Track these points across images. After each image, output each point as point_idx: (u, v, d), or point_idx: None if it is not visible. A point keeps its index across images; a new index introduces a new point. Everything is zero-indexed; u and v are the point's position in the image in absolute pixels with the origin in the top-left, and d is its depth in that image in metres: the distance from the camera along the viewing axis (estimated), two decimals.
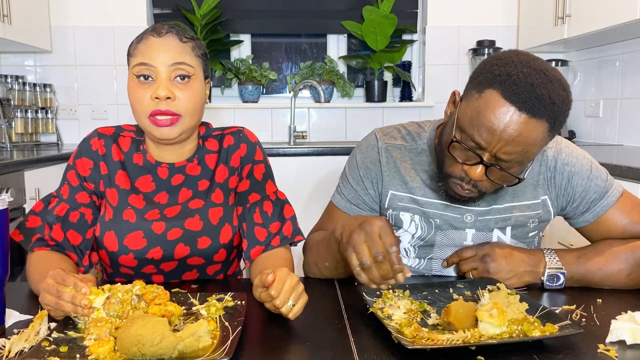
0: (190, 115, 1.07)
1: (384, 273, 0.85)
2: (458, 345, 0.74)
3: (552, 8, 2.68)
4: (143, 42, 1.06)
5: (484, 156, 0.95)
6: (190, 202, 1.13)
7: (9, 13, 2.48)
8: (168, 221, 1.10)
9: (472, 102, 0.95)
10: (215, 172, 1.16)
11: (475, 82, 0.96)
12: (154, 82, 1.04)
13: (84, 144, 1.16)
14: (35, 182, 2.15)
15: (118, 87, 3.14)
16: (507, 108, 0.90)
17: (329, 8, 3.24)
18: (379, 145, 1.18)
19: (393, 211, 1.15)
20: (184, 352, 0.71)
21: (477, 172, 0.96)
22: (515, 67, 0.92)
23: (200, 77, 1.10)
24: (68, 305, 0.80)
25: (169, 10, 3.18)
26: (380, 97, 3.22)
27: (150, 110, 1.04)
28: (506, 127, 0.90)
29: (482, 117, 0.92)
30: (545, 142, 0.95)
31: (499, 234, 1.13)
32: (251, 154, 1.19)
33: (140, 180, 1.14)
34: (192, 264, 1.12)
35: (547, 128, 0.92)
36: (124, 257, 1.09)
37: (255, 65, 3.21)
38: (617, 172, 1.73)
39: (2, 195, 0.82)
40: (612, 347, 0.75)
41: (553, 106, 0.91)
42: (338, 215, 1.19)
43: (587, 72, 3.02)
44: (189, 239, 1.10)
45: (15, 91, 2.81)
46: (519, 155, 0.93)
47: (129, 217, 1.10)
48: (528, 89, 0.90)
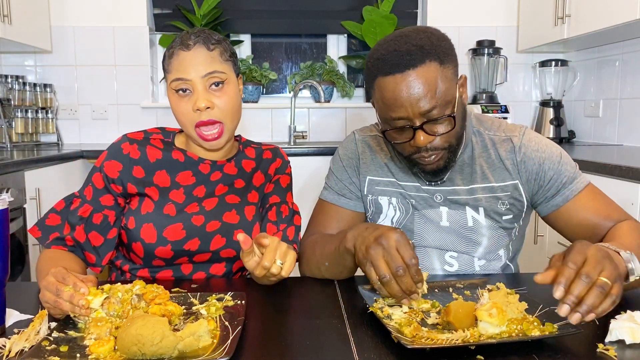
0: (230, 119, 1.15)
1: (405, 286, 0.87)
2: (458, 345, 0.74)
3: (552, 8, 2.68)
4: (175, 57, 1.12)
5: (415, 122, 1.01)
6: (226, 197, 1.20)
7: (9, 13, 2.48)
8: (207, 214, 1.17)
9: (375, 98, 1.06)
10: (253, 176, 1.25)
11: (367, 84, 1.08)
12: (192, 93, 1.12)
13: (114, 148, 1.18)
14: (36, 182, 2.15)
15: (118, 87, 3.14)
16: (393, 78, 0.99)
17: (329, 8, 3.24)
18: (356, 138, 1.27)
19: (372, 196, 1.22)
20: (184, 351, 0.72)
21: (421, 139, 1.02)
22: (379, 49, 1.03)
23: (233, 79, 1.16)
24: (66, 304, 0.81)
25: (169, 10, 3.18)
26: None
27: (194, 122, 1.12)
28: (405, 92, 0.99)
29: (386, 100, 1.02)
30: (448, 74, 1.01)
31: (473, 213, 1.17)
32: (284, 167, 1.30)
33: (180, 175, 1.19)
34: (224, 257, 1.18)
35: (436, 64, 1.00)
36: (161, 248, 1.13)
37: (255, 65, 3.21)
38: (617, 172, 1.73)
39: (2, 195, 0.82)
40: (612, 347, 0.75)
41: (422, 48, 0.99)
42: (329, 208, 1.25)
43: (587, 72, 3.02)
44: (226, 231, 1.17)
45: (15, 91, 2.81)
46: (435, 100, 0.99)
47: (169, 211, 1.15)
48: (395, 54, 1.00)
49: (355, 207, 1.23)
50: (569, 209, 1.14)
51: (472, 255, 1.18)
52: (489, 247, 1.18)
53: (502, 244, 1.19)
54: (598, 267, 0.77)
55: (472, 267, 1.18)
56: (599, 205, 1.13)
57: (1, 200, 0.81)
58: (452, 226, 1.17)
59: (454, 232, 1.17)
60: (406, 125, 1.02)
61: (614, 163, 1.77)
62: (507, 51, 3.11)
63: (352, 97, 3.30)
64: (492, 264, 1.19)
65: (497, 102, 3.07)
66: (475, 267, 1.18)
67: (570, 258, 0.78)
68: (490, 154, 1.17)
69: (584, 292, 0.75)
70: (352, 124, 3.28)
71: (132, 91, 3.13)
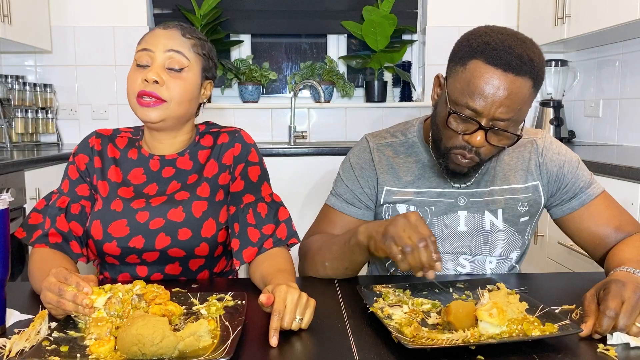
0: (176, 103, 1.11)
1: (425, 260, 0.88)
2: (458, 345, 0.74)
3: (552, 8, 2.68)
4: (149, 33, 1.14)
5: (482, 121, 0.99)
6: (176, 194, 1.15)
7: (9, 13, 2.48)
8: (152, 210, 1.13)
9: (458, 75, 1.01)
10: (205, 167, 1.18)
11: (457, 58, 1.03)
12: (149, 68, 1.10)
13: (83, 142, 1.22)
14: (36, 182, 2.15)
15: (118, 87, 3.14)
16: (494, 72, 0.97)
17: (329, 8, 3.24)
18: (371, 146, 1.23)
19: (389, 205, 1.19)
20: (184, 351, 0.72)
21: (477, 139, 1.01)
22: (490, 36, 1.00)
23: (195, 73, 1.14)
24: (70, 304, 0.80)
25: (169, 10, 3.18)
26: (380, 97, 3.22)
27: (137, 91, 1.10)
28: (497, 89, 0.97)
29: (472, 86, 0.98)
30: (532, 99, 1.02)
31: (491, 217, 1.17)
32: (245, 154, 1.19)
33: (132, 173, 1.18)
34: (173, 256, 1.13)
35: (531, 85, 0.99)
36: (107, 245, 1.11)
37: (255, 65, 3.21)
38: (617, 172, 1.73)
39: (2, 195, 0.82)
40: (612, 347, 0.76)
41: (532, 63, 0.98)
42: (334, 215, 1.22)
43: (587, 72, 3.02)
44: (170, 230, 1.11)
45: (15, 91, 2.81)
46: (513, 114, 0.99)
47: (116, 207, 1.14)
48: (507, 51, 0.97)
49: (363, 216, 1.21)
50: (583, 213, 1.16)
51: (486, 257, 1.18)
52: (503, 250, 1.18)
53: (516, 246, 1.20)
54: (634, 315, 0.79)
55: (483, 269, 1.19)
56: (612, 214, 1.15)
57: (1, 200, 0.81)
58: (470, 231, 1.17)
59: (471, 237, 1.17)
60: (474, 119, 1.00)
61: (614, 163, 1.77)
62: None
63: (352, 97, 3.30)
64: (503, 266, 1.20)
65: None
66: (487, 269, 1.19)
67: (608, 305, 0.79)
68: (512, 156, 1.19)
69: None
70: (352, 124, 3.28)
71: None
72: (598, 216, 1.15)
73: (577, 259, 1.96)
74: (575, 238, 1.19)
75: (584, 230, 1.16)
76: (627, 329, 0.78)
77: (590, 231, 1.15)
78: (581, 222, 1.16)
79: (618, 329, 0.78)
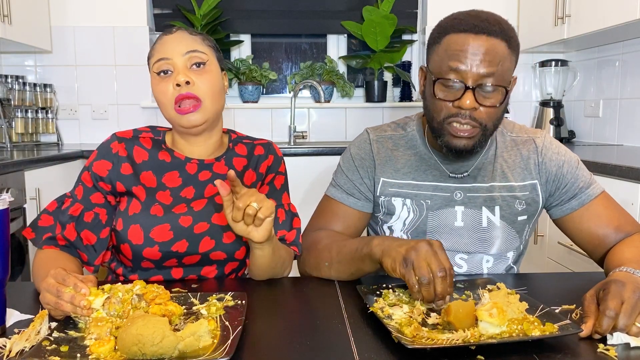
0: (210, 100, 1.13)
1: (440, 291, 0.87)
2: (458, 345, 0.74)
3: (552, 8, 2.68)
4: (158, 42, 1.15)
5: (467, 82, 1.03)
6: (216, 197, 1.16)
7: (9, 13, 2.48)
8: (195, 215, 1.13)
9: (436, 52, 1.08)
10: (244, 175, 1.21)
11: (432, 40, 1.10)
12: (172, 74, 1.12)
13: (103, 147, 1.18)
14: (35, 182, 2.15)
15: (118, 87, 3.14)
16: (466, 36, 1.03)
17: (329, 8, 3.24)
18: (371, 138, 1.25)
19: (385, 198, 1.20)
20: (185, 351, 0.72)
21: (467, 102, 1.03)
22: (459, 14, 1.08)
23: (215, 64, 1.16)
24: (67, 305, 0.81)
25: (169, 10, 3.18)
26: (380, 97, 3.22)
27: (174, 97, 1.10)
28: (473, 49, 1.02)
29: (450, 51, 1.04)
30: (513, 60, 1.06)
31: (488, 213, 1.17)
32: (277, 165, 1.26)
33: (167, 176, 1.17)
34: (214, 259, 1.14)
35: (505, 45, 1.04)
36: (148, 249, 1.10)
37: (255, 65, 3.21)
38: (617, 172, 1.73)
39: (2, 195, 0.82)
40: (612, 347, 0.76)
41: (500, 25, 1.04)
42: (334, 206, 1.23)
43: (587, 72, 3.02)
44: (214, 233, 1.13)
45: (15, 91, 2.81)
46: (494, 68, 1.02)
47: (156, 212, 1.12)
48: (475, 18, 1.05)
49: (363, 208, 1.22)
50: (582, 213, 1.16)
51: (482, 255, 1.18)
52: (500, 248, 1.18)
53: (513, 246, 1.20)
54: (634, 315, 0.79)
55: (480, 268, 1.19)
56: (611, 214, 1.15)
57: (1, 200, 0.81)
58: (467, 226, 1.17)
59: (467, 233, 1.17)
60: (458, 82, 1.03)
61: (614, 163, 1.77)
62: None
63: (352, 97, 3.30)
64: (500, 265, 1.20)
65: None
66: (484, 268, 1.19)
67: (608, 305, 0.79)
68: (511, 154, 1.19)
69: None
70: (352, 124, 3.29)
71: (132, 91, 3.13)
72: (597, 216, 1.15)
73: (577, 259, 1.96)
74: (575, 238, 1.19)
75: (584, 231, 1.16)
76: (627, 329, 0.78)
77: (590, 231, 1.15)
78: (581, 223, 1.16)
79: (618, 329, 0.78)
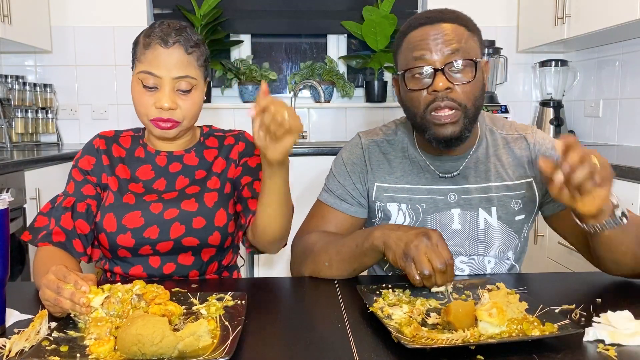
0: (188, 121, 1.17)
1: (441, 282, 0.90)
2: (458, 345, 0.74)
3: (552, 8, 2.68)
4: (150, 50, 1.12)
5: (435, 65, 1.05)
6: (187, 189, 1.20)
7: (9, 13, 2.49)
8: (165, 202, 1.17)
9: (400, 52, 1.11)
10: (213, 164, 1.24)
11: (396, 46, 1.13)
12: (158, 91, 1.13)
13: (87, 146, 1.25)
14: (35, 182, 2.15)
15: (118, 87, 3.14)
16: (423, 28, 1.06)
17: (329, 8, 3.24)
18: (362, 142, 1.24)
19: (380, 203, 1.20)
20: (184, 351, 0.72)
21: (440, 84, 1.04)
22: (413, 16, 1.11)
23: (202, 86, 1.19)
24: (67, 302, 0.81)
25: (169, 11, 3.18)
26: (380, 97, 3.22)
27: (153, 116, 1.13)
28: (433, 34, 1.05)
29: (412, 44, 1.07)
30: (475, 42, 1.08)
31: (485, 215, 1.16)
32: (249, 150, 1.26)
33: (140, 170, 1.22)
34: (187, 245, 1.16)
35: (464, 29, 1.07)
36: (122, 236, 1.14)
37: (255, 65, 3.21)
38: (617, 172, 1.73)
39: (2, 195, 0.82)
40: (612, 347, 0.76)
41: (454, 13, 1.09)
42: (326, 211, 1.22)
43: (587, 72, 3.02)
44: (184, 219, 1.15)
45: (15, 91, 2.81)
46: (458, 45, 1.04)
47: (128, 200, 1.17)
48: (429, 12, 1.09)
49: (356, 213, 1.21)
50: None
51: (483, 257, 1.17)
52: (500, 249, 1.18)
53: (512, 245, 1.19)
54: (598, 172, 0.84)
55: (483, 270, 1.18)
56: None
57: (1, 200, 0.81)
58: (464, 229, 1.16)
59: (465, 235, 1.17)
60: (426, 68, 1.04)
61: (614, 163, 1.76)
62: (507, 51, 3.11)
63: (352, 97, 3.30)
64: (502, 265, 1.20)
65: (497, 102, 3.07)
66: (487, 269, 1.18)
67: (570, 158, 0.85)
68: (504, 152, 1.19)
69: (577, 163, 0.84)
70: (352, 124, 3.29)
71: None
72: None
73: (577, 259, 1.96)
74: (566, 236, 1.18)
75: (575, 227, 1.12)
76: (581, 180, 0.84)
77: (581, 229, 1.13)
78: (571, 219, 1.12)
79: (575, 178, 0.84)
